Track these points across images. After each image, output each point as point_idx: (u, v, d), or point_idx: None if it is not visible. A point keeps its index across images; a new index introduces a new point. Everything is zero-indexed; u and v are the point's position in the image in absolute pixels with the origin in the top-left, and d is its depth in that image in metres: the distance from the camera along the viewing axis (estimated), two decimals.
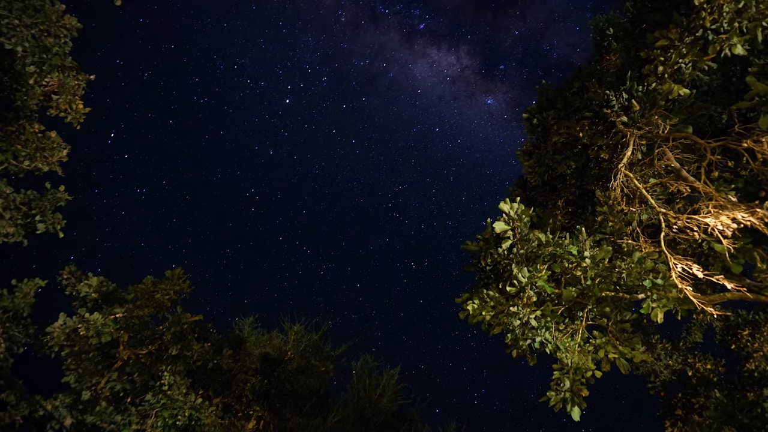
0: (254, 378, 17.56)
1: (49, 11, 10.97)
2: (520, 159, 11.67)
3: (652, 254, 8.27)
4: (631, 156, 9.40)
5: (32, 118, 12.39)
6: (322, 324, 23.76)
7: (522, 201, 11.45)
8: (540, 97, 11.00)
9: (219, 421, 15.16)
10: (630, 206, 9.36)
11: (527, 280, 7.98)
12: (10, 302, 13.46)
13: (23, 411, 13.51)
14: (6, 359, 13.17)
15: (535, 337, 7.96)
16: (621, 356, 8.10)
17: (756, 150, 8.07)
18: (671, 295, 7.49)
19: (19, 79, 11.60)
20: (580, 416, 7.61)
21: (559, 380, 7.87)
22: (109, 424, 13.63)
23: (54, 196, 12.79)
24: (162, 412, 13.68)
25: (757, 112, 9.15)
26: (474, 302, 8.29)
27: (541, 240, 8.27)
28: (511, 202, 8.39)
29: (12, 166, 12.16)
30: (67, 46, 11.50)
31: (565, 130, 10.59)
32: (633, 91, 9.60)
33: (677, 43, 8.65)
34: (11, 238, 12.10)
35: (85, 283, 14.58)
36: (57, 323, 13.30)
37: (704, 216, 7.89)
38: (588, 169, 11.03)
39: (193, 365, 14.77)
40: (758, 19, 7.99)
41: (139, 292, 14.56)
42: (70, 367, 13.71)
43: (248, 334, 22.21)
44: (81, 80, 12.40)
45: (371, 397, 22.87)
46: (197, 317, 15.06)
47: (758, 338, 14.83)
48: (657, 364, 16.46)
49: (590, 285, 8.07)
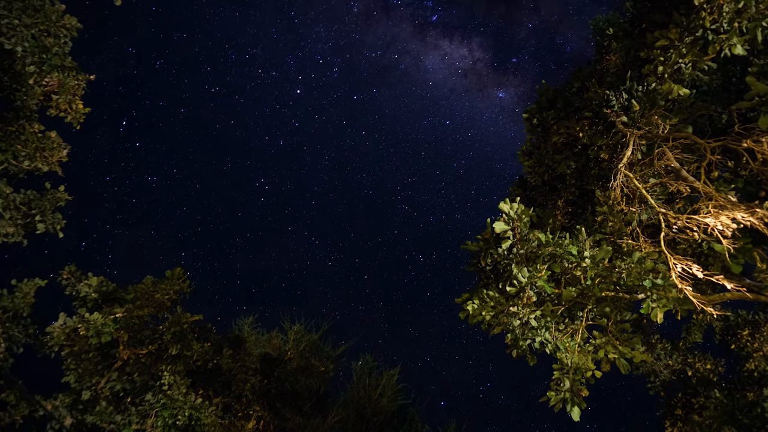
0: (254, 378, 17.56)
1: (49, 11, 10.97)
2: (520, 159, 11.68)
3: (652, 254, 8.27)
4: (631, 156, 9.40)
5: (32, 118, 12.40)
6: (322, 324, 23.78)
7: (522, 201, 11.45)
8: (540, 97, 11.01)
9: (219, 421, 15.17)
10: (630, 206, 9.36)
11: (527, 280, 7.98)
12: (10, 302, 13.46)
13: (23, 411, 13.52)
14: (6, 359, 13.17)
15: (535, 337, 7.97)
16: (621, 356, 8.10)
17: (756, 150, 8.07)
18: (671, 295, 7.49)
19: (18, 79, 11.61)
20: (579, 416, 7.62)
21: (559, 380, 7.88)
22: (109, 424, 13.64)
23: (54, 196, 12.79)
24: (162, 412, 13.69)
25: (757, 112, 9.15)
26: (474, 302, 8.29)
27: (541, 240, 8.27)
28: (510, 202, 8.40)
29: (12, 166, 12.17)
30: (66, 46, 11.51)
31: (565, 130, 10.59)
32: (633, 91, 9.60)
33: (677, 43, 8.66)
34: (11, 238, 12.10)
35: (84, 283, 14.59)
36: (57, 323, 13.30)
37: (704, 216, 7.89)
38: (588, 169, 11.03)
39: (193, 365, 14.77)
40: (758, 19, 7.99)
41: (139, 292, 14.56)
42: (70, 367, 13.71)
43: (248, 334, 22.21)
44: (81, 80, 12.40)
45: (371, 396, 22.87)
46: (197, 317, 15.06)
47: (758, 338, 14.83)
48: (657, 364, 16.46)
49: (590, 285, 8.07)
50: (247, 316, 23.02)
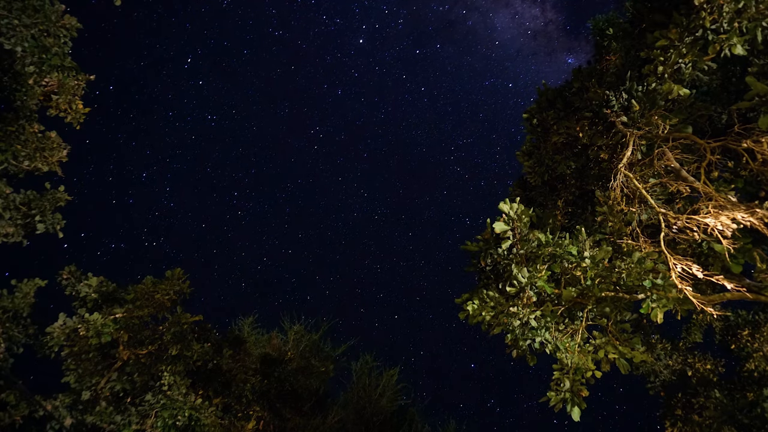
0: (254, 378, 17.56)
1: (49, 11, 10.96)
2: (520, 159, 11.67)
3: (651, 254, 8.27)
4: (630, 156, 9.40)
5: (32, 118, 12.39)
6: (321, 324, 23.80)
7: (522, 201, 11.44)
8: (540, 97, 11.01)
9: (219, 421, 15.16)
10: (630, 206, 9.36)
11: (527, 281, 7.98)
12: (10, 302, 13.45)
13: (23, 411, 13.51)
14: (6, 359, 13.16)
15: (535, 337, 7.96)
16: (621, 356, 8.10)
17: (756, 150, 8.07)
18: (671, 295, 7.49)
19: (18, 79, 11.60)
20: (579, 416, 7.62)
21: (559, 380, 7.88)
22: (109, 424, 13.63)
23: (54, 196, 12.78)
24: (162, 413, 13.68)
25: (756, 112, 9.15)
26: (474, 302, 8.29)
27: (541, 240, 8.27)
28: (510, 203, 8.39)
29: (12, 166, 12.16)
30: (66, 47, 11.50)
31: (564, 130, 10.58)
32: (633, 91, 9.60)
33: (677, 43, 8.65)
34: (11, 238, 12.10)
35: (84, 283, 14.58)
36: (57, 323, 13.29)
37: (704, 216, 7.89)
38: (588, 169, 11.03)
39: (193, 365, 14.77)
40: (758, 19, 7.99)
41: (138, 293, 14.55)
42: (70, 367, 13.70)
43: (248, 334, 22.23)
44: (81, 80, 12.40)
45: (371, 397, 22.89)
46: (197, 317, 15.07)
47: (758, 338, 14.83)
48: (657, 364, 16.46)
49: (590, 285, 8.07)
50: (247, 316, 23.07)
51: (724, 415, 13.99)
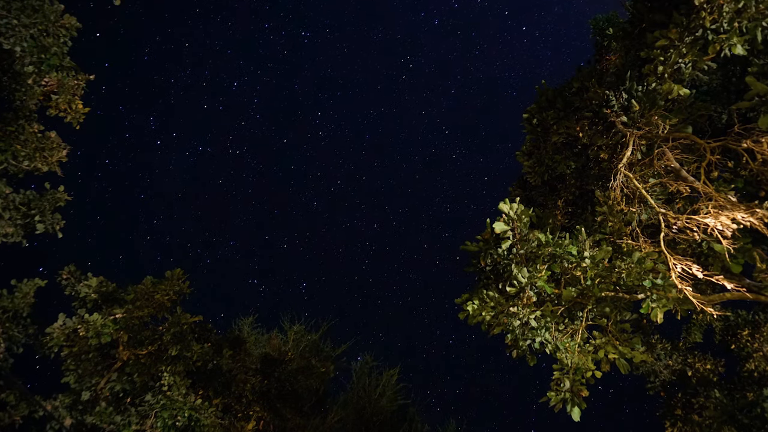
0: (254, 378, 17.56)
1: (48, 11, 10.95)
2: (520, 159, 11.66)
3: (651, 254, 8.26)
4: (630, 156, 9.40)
5: (31, 118, 12.37)
6: (321, 324, 23.81)
7: (522, 201, 11.43)
8: (539, 97, 10.99)
9: (219, 421, 15.16)
10: (630, 206, 9.35)
11: (527, 281, 7.98)
12: (10, 302, 13.44)
13: (23, 411, 13.50)
14: (6, 359, 13.15)
15: (535, 337, 7.96)
16: (621, 356, 8.09)
17: (755, 150, 8.07)
18: (671, 295, 7.49)
19: (17, 79, 11.59)
20: (579, 416, 7.61)
21: (559, 380, 7.87)
22: (109, 424, 13.62)
23: (53, 196, 12.77)
24: (162, 413, 13.68)
25: (756, 112, 9.14)
26: (474, 303, 8.28)
27: (541, 240, 8.26)
28: (510, 203, 8.39)
29: (11, 167, 12.15)
30: (65, 46, 11.49)
31: (564, 130, 10.58)
32: (633, 91, 9.59)
33: (677, 43, 8.64)
34: (10, 238, 12.09)
35: (84, 283, 14.57)
36: (56, 324, 13.28)
37: (704, 216, 7.88)
38: (588, 169, 11.02)
39: (193, 366, 14.75)
40: (758, 19, 7.98)
41: (138, 293, 14.55)
42: (70, 367, 13.69)
43: (248, 334, 22.24)
44: (80, 80, 12.39)
45: (371, 396, 22.89)
46: (197, 318, 15.06)
47: (758, 338, 14.82)
48: (657, 364, 16.46)
49: (590, 285, 8.07)
50: (247, 316, 23.07)
51: (724, 415, 13.99)
